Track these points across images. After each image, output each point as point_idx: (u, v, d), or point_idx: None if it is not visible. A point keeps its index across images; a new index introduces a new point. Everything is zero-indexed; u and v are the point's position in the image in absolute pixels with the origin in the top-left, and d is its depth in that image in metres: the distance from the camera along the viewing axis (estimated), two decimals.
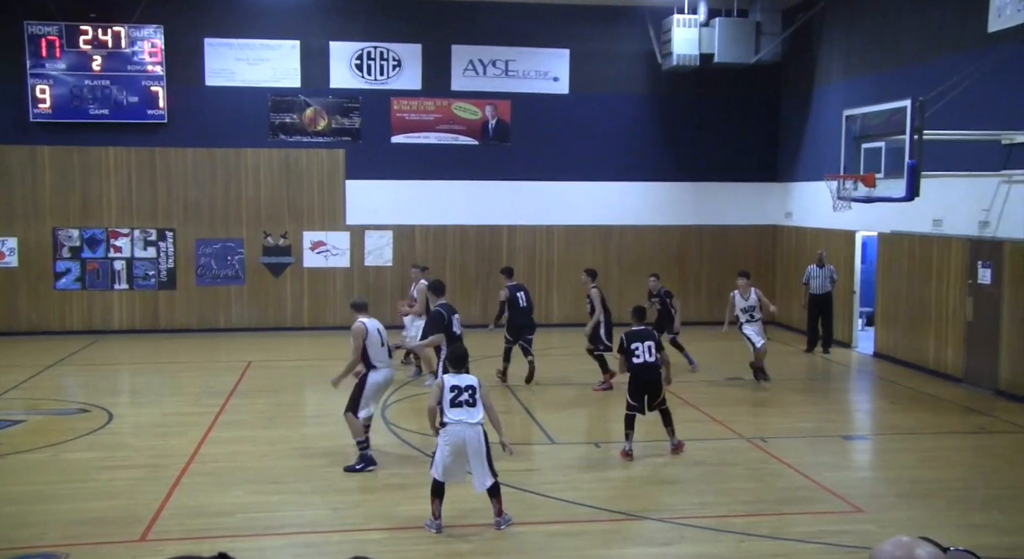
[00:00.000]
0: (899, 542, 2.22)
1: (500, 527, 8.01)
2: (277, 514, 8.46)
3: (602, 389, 13.73)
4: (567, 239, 20.57)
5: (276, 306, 19.81)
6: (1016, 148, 13.23)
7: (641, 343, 10.32)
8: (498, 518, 8.06)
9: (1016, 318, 13.35)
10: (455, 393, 7.98)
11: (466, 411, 7.95)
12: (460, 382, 8.05)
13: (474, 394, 8.01)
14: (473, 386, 8.04)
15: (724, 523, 8.22)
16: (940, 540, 3.58)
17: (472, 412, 7.96)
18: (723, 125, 20.87)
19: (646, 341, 10.35)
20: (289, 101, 19.54)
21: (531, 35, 20.04)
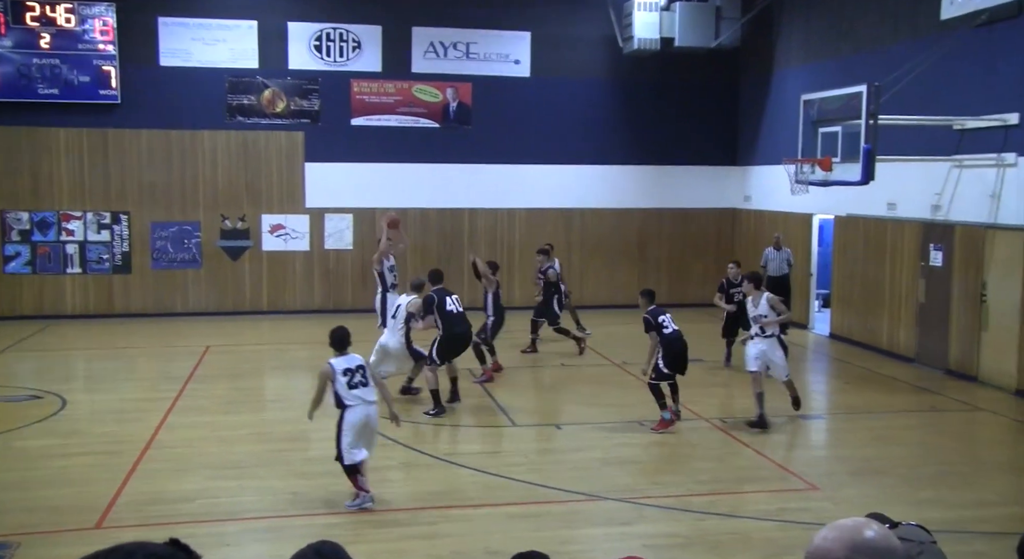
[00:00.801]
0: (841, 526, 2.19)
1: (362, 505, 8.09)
2: (237, 500, 8.42)
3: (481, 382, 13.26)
4: (528, 222, 20.59)
5: (234, 290, 19.62)
6: (967, 133, 13.48)
7: (666, 315, 10.89)
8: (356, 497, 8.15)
9: (966, 299, 13.63)
10: (348, 376, 8.15)
11: (363, 391, 8.18)
12: (351, 364, 8.21)
13: (365, 373, 8.23)
14: (363, 365, 8.26)
15: (683, 502, 8.33)
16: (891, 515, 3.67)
17: (368, 391, 8.21)
18: (683, 109, 20.98)
19: (667, 314, 10.98)
20: (247, 82, 19.29)
21: (492, 18, 19.96)
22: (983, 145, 13.19)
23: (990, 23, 12.97)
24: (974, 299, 13.46)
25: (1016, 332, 12.62)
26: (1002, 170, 12.90)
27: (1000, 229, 12.96)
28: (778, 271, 17.44)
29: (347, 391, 8.13)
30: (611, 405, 12.18)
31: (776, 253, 17.47)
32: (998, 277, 13.00)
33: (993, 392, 12.84)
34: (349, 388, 8.13)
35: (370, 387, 8.22)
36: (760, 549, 7.30)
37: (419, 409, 11.64)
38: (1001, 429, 11.43)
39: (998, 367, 13.06)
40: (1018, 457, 10.30)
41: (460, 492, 8.62)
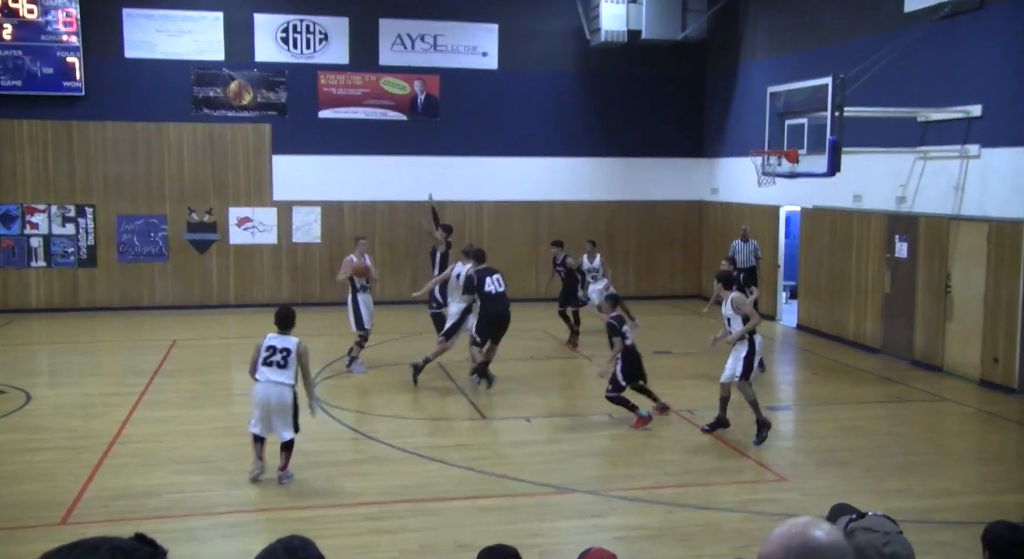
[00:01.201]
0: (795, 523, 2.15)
1: (282, 481, 8.48)
2: (204, 494, 8.34)
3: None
4: (496, 215, 20.57)
5: (201, 283, 19.43)
6: (931, 125, 13.63)
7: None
8: (281, 472, 8.53)
9: (930, 291, 13.80)
10: (269, 353, 8.51)
11: (274, 371, 8.46)
12: (278, 343, 8.55)
13: (287, 357, 8.47)
14: (289, 349, 8.50)
15: (653, 494, 8.37)
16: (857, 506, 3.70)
17: (280, 373, 8.45)
18: (651, 101, 21.04)
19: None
20: (213, 74, 19.08)
21: (459, 10, 19.88)
22: (947, 137, 13.35)
23: (952, 16, 13.12)
24: (938, 290, 13.63)
25: (980, 323, 12.80)
26: (966, 162, 13.06)
27: (964, 220, 13.12)
28: (745, 263, 17.52)
29: (260, 365, 8.50)
30: (581, 397, 12.21)
31: (743, 245, 17.54)
32: (962, 268, 13.17)
33: (957, 382, 13.02)
34: (263, 363, 8.49)
35: (286, 371, 8.46)
36: (730, 541, 7.35)
37: (391, 405, 11.60)
38: (965, 419, 11.60)
39: (962, 357, 13.24)
40: (982, 447, 10.45)
41: (429, 485, 8.61)
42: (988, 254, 12.65)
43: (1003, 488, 8.74)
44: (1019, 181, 12.14)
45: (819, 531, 2.09)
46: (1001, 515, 4.34)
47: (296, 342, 8.57)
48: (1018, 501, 7.89)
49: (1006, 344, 12.37)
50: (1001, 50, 12.42)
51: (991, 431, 10.98)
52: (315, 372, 13.25)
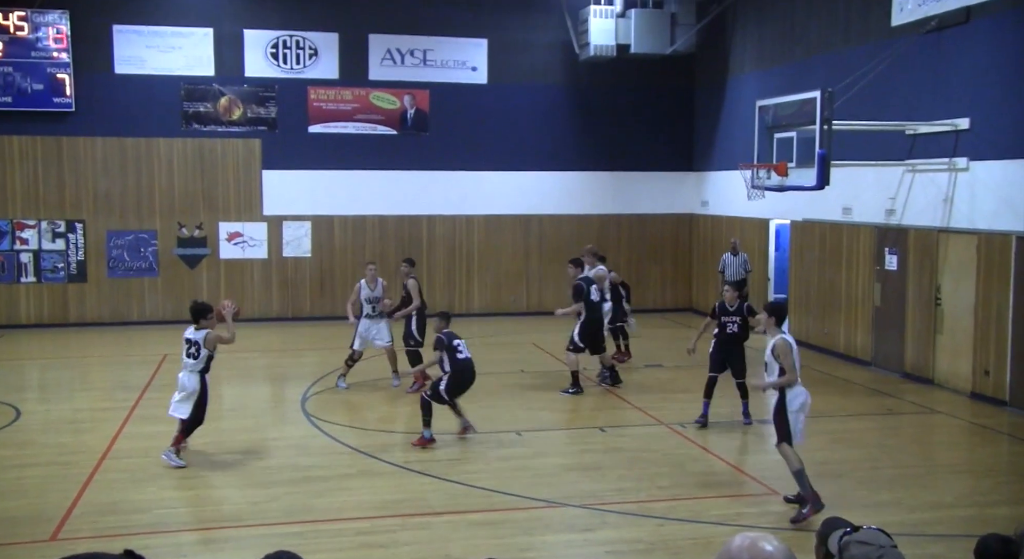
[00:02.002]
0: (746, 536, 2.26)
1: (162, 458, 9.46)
2: (194, 509, 8.30)
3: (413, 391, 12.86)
4: (487, 229, 20.59)
5: (192, 298, 19.32)
6: (919, 138, 13.70)
7: (461, 341, 10.52)
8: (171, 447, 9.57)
9: (920, 303, 13.85)
10: (186, 345, 9.81)
11: (186, 360, 9.78)
12: (187, 335, 9.85)
13: (199, 349, 9.72)
14: (198, 341, 9.73)
15: (644, 508, 8.35)
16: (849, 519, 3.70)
17: (189, 363, 9.75)
18: (640, 115, 21.12)
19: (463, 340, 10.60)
20: (203, 90, 19.09)
21: (449, 25, 19.96)
22: (935, 150, 13.42)
23: (939, 30, 13.22)
24: (928, 302, 13.67)
25: (970, 334, 12.84)
26: (954, 174, 13.13)
27: (953, 233, 13.18)
28: (735, 276, 17.59)
29: (183, 356, 9.80)
30: (571, 411, 12.20)
31: (733, 258, 17.63)
32: (952, 280, 13.22)
33: (948, 394, 13.04)
34: (185, 355, 9.80)
35: (190, 362, 9.73)
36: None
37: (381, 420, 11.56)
38: (956, 431, 11.61)
39: (953, 370, 13.27)
40: (973, 459, 10.46)
41: (420, 500, 8.58)
42: (977, 266, 12.70)
43: (994, 501, 8.74)
44: (1007, 193, 12.21)
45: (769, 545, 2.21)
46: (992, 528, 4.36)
47: (193, 334, 9.82)
48: (1009, 514, 7.89)
49: (996, 356, 12.41)
50: (987, 63, 12.51)
51: (982, 444, 11.00)
52: (307, 386, 13.29)
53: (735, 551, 2.19)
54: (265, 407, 13.04)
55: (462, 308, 19.83)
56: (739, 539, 2.25)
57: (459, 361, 10.35)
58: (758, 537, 2.26)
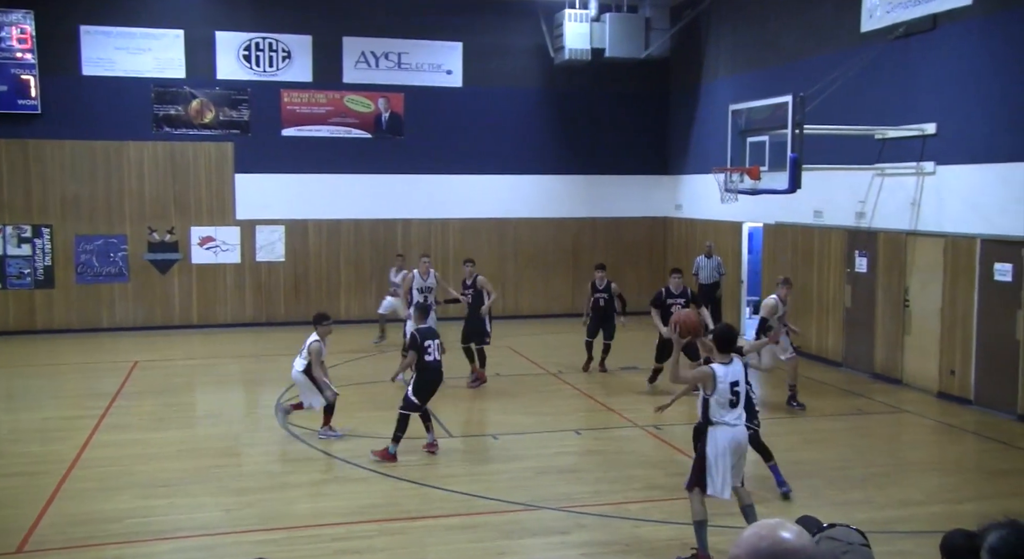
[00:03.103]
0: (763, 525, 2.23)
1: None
2: (167, 518, 8.23)
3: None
4: (463, 232, 20.59)
5: (163, 304, 19.22)
6: (888, 143, 13.88)
7: (434, 342, 10.20)
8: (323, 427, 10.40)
9: (889, 305, 14.02)
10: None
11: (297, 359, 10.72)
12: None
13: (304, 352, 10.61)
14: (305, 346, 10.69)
15: (620, 510, 8.39)
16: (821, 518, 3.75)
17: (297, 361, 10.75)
18: (614, 119, 21.22)
19: (435, 339, 10.25)
20: (173, 92, 18.95)
21: (424, 28, 19.95)
22: (903, 154, 13.60)
23: (907, 36, 13.39)
24: (897, 304, 13.84)
25: (937, 335, 13.01)
26: (921, 178, 13.31)
27: (921, 236, 13.36)
28: (709, 279, 17.72)
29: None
30: (547, 414, 12.22)
31: (707, 261, 17.75)
32: (920, 282, 13.39)
33: (916, 394, 13.21)
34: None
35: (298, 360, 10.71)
36: None
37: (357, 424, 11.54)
38: (924, 430, 11.76)
39: (921, 370, 13.44)
40: (941, 457, 10.60)
41: (396, 505, 8.56)
42: (944, 268, 12.88)
43: (961, 497, 8.87)
44: (972, 197, 12.39)
45: (787, 533, 2.17)
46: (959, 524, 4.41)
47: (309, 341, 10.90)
48: (975, 510, 8.00)
49: (962, 357, 12.59)
50: (953, 70, 12.69)
51: (949, 442, 11.15)
52: (281, 391, 13.22)
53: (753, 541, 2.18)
54: (239, 413, 12.96)
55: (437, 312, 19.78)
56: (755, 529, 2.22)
57: (425, 362, 10.09)
58: (776, 525, 2.22)
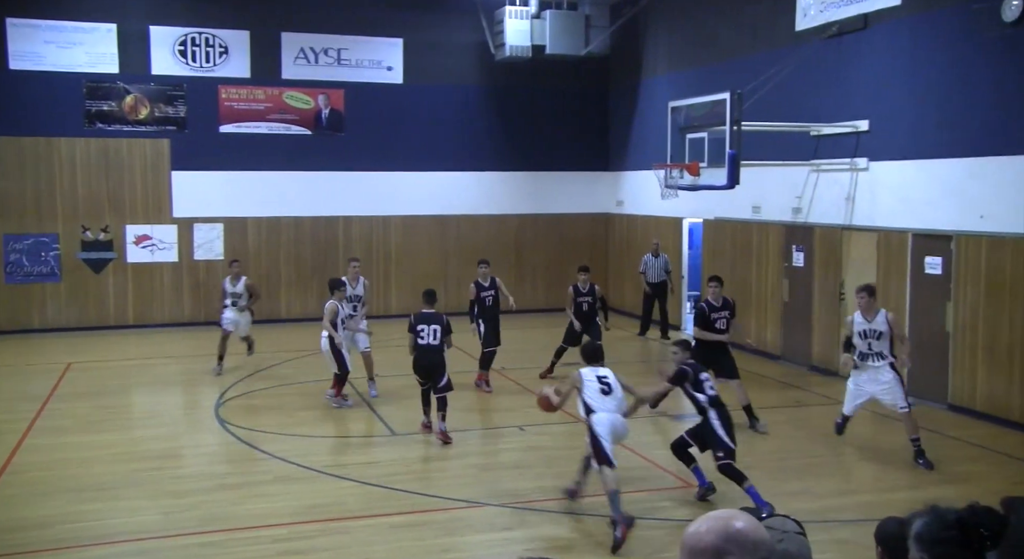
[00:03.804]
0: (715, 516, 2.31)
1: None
2: (103, 523, 8.06)
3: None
4: (404, 230, 20.49)
5: (98, 304, 18.80)
6: (823, 139, 14.15)
7: (427, 326, 10.75)
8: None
9: (825, 298, 14.29)
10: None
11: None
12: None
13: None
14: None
15: (564, 505, 8.42)
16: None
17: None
18: (556, 115, 21.29)
19: (431, 324, 10.78)
20: (107, 88, 18.53)
21: (364, 24, 19.79)
22: (838, 150, 13.87)
23: (840, 35, 13.66)
24: (833, 297, 14.12)
25: None
26: (855, 174, 13.59)
27: (855, 230, 13.64)
28: (657, 277, 17.82)
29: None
30: (490, 411, 12.23)
31: (654, 260, 17.85)
32: (854, 276, 13.66)
33: None
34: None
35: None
36: (638, 548, 7.45)
37: (298, 424, 11.42)
38: (859, 421, 11.97)
39: None
40: (874, 447, 10.84)
41: (339, 504, 8.50)
42: (878, 262, 13.17)
43: (893, 486, 9.09)
44: (903, 192, 12.69)
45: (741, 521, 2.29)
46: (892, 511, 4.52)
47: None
48: (907, 498, 8.19)
49: None
50: (884, 68, 12.98)
51: (882, 432, 11.40)
52: (220, 391, 13.01)
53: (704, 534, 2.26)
54: (178, 414, 12.74)
55: (380, 310, 19.68)
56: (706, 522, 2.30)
57: (419, 345, 10.75)
58: (730, 516, 2.31)
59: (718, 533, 2.25)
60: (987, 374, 11.46)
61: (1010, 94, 10.99)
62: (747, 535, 2.26)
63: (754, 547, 2.25)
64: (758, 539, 2.27)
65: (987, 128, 11.35)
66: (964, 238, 11.68)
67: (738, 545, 2.24)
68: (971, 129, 11.58)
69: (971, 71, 11.52)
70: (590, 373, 8.42)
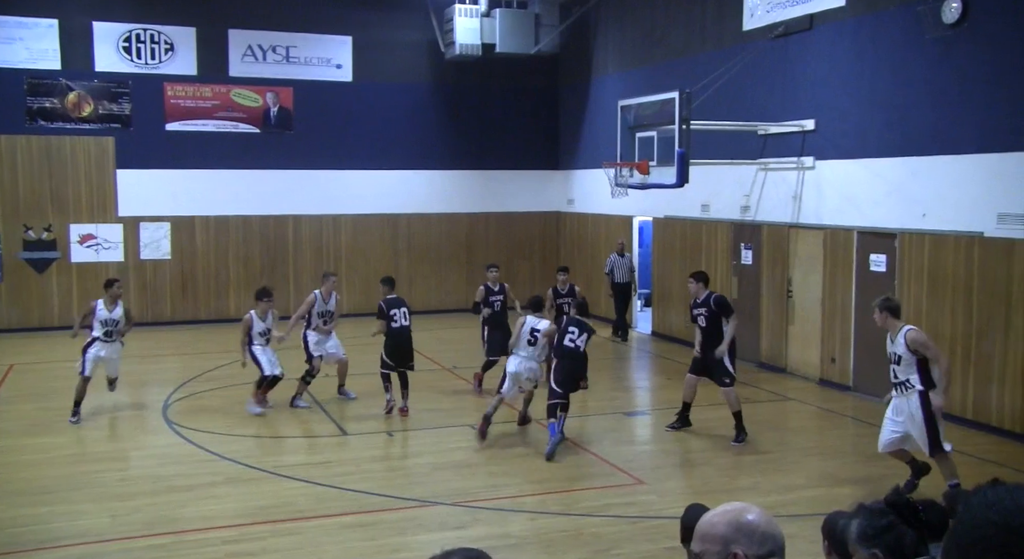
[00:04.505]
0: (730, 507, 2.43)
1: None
2: (47, 527, 7.90)
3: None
4: (354, 229, 20.37)
5: (41, 304, 18.40)
6: (770, 138, 14.35)
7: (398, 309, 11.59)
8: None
9: (773, 295, 14.50)
10: None
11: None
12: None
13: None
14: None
15: (516, 503, 8.45)
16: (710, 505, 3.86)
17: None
18: (506, 114, 21.32)
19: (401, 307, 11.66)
20: (48, 85, 18.14)
21: (312, 21, 19.63)
22: (784, 149, 14.08)
23: (786, 35, 13.87)
24: (781, 295, 14.33)
25: (818, 325, 13.53)
26: (802, 173, 13.81)
27: (802, 228, 13.86)
28: (623, 278, 17.78)
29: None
30: (442, 410, 12.21)
31: (620, 260, 17.77)
32: (802, 274, 13.90)
33: (800, 382, 13.72)
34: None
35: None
36: (591, 544, 7.50)
37: (248, 425, 11.29)
38: (807, 417, 12.22)
39: (804, 358, 13.96)
40: (823, 442, 11.04)
41: (290, 505, 8.43)
42: (824, 260, 13.40)
43: (840, 480, 9.25)
44: (848, 191, 12.92)
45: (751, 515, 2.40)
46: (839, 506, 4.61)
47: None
48: (853, 492, 8.36)
49: (841, 345, 13.13)
50: (829, 68, 13.20)
51: (829, 427, 11.62)
52: (168, 392, 12.83)
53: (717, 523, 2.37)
54: (124, 415, 12.52)
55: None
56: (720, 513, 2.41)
57: (393, 329, 11.51)
58: (742, 509, 2.42)
59: (729, 523, 2.38)
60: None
61: (950, 95, 11.25)
62: (756, 527, 2.37)
63: (762, 540, 2.36)
64: (767, 532, 2.38)
65: (928, 128, 11.60)
66: (907, 236, 11.93)
67: (746, 535, 2.35)
68: (913, 129, 11.82)
69: (913, 72, 11.77)
70: (531, 322, 10.48)
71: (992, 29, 10.66)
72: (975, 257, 10.93)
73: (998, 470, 9.09)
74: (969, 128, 10.99)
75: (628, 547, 7.47)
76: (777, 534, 2.39)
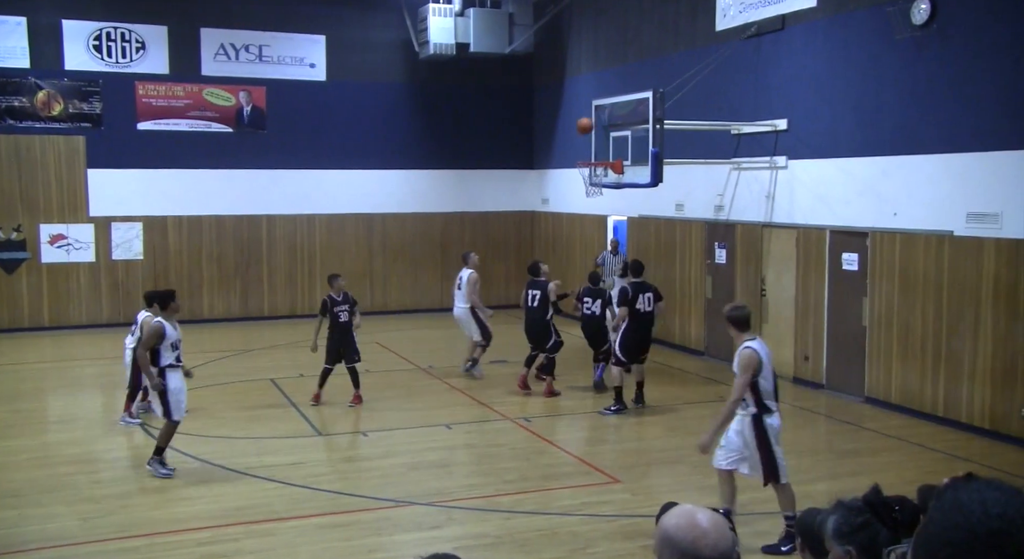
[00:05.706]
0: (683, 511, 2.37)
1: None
2: (17, 531, 7.81)
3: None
4: (329, 228, 20.28)
5: (10, 305, 18.18)
6: (743, 138, 14.43)
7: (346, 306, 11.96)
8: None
9: (747, 294, 14.58)
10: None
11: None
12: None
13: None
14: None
15: (491, 503, 8.45)
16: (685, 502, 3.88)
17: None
18: (481, 113, 21.30)
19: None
20: (17, 83, 17.92)
21: (285, 20, 19.52)
22: (757, 149, 14.17)
23: (759, 35, 13.96)
24: (755, 293, 14.42)
25: (792, 323, 13.63)
26: (775, 172, 13.90)
27: (775, 227, 13.95)
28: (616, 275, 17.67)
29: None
30: (417, 410, 12.19)
31: (613, 257, 17.69)
32: (775, 273, 13.99)
33: None
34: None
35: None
36: (566, 543, 7.52)
37: (222, 425, 11.22)
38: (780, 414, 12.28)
39: (777, 356, 13.88)
40: (795, 439, 11.08)
41: (264, 506, 8.38)
42: (797, 259, 13.50)
43: (813, 477, 9.32)
44: (821, 190, 13.03)
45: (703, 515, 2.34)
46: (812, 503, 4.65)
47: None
48: (827, 489, 8.43)
49: (815, 343, 13.24)
50: (801, 68, 13.30)
51: (803, 425, 11.69)
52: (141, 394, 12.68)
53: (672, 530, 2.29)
54: (96, 417, 12.40)
55: (304, 310, 19.48)
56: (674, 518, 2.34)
57: (337, 325, 11.84)
58: (692, 511, 2.35)
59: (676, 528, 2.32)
60: (901, 367, 11.83)
61: (920, 95, 11.37)
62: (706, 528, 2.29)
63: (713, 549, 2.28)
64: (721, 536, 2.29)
65: (899, 128, 11.72)
66: (879, 235, 12.04)
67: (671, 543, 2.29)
68: (884, 129, 11.94)
69: (883, 72, 11.88)
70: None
71: (960, 30, 10.79)
72: (945, 256, 11.05)
73: (969, 466, 9.19)
74: (939, 128, 11.11)
75: (604, 545, 7.49)
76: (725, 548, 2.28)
